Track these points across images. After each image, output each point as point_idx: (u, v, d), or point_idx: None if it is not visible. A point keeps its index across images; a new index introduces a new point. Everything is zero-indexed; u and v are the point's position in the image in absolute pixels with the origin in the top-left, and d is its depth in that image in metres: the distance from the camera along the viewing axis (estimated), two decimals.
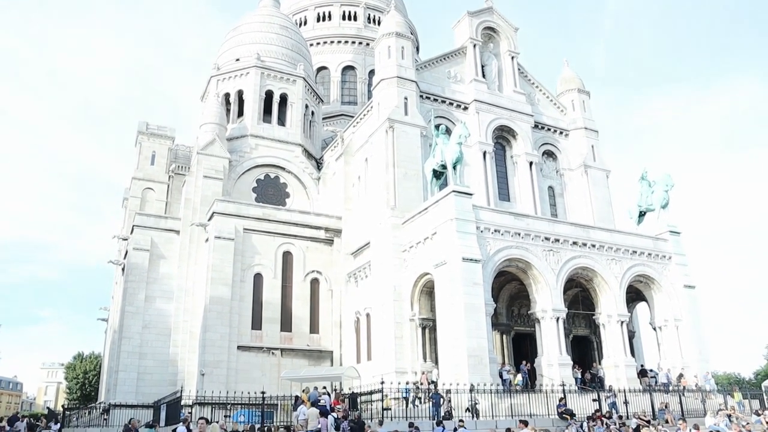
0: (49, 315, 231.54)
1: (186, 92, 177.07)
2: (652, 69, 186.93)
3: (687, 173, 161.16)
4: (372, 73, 48.07)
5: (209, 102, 47.00)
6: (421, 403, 26.18)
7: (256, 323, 37.57)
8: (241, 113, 47.93)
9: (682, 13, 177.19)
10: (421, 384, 27.63)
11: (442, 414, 23.32)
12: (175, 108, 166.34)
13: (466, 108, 39.92)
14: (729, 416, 23.86)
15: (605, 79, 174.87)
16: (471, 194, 30.26)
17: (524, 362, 30.92)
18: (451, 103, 39.78)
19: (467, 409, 23.50)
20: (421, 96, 38.54)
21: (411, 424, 19.42)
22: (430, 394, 25.39)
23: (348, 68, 60.34)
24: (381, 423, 20.87)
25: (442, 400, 24.12)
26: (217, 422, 23.90)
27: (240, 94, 47.98)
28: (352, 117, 46.78)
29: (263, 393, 24.49)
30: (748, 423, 23.11)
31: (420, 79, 38.72)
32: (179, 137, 59.11)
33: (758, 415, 26.46)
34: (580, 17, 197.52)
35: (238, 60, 49.14)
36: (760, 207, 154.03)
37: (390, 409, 25.38)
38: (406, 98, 37.16)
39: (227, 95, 48.31)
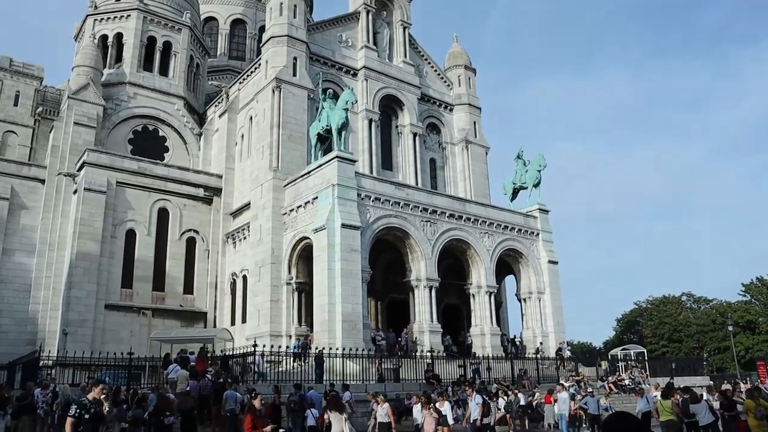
0: None
1: (58, 29, 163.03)
2: (538, 51, 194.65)
3: (560, 155, 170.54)
4: (263, 29, 46.46)
5: (84, 43, 43.74)
6: (303, 362, 25.92)
7: (127, 282, 36.11)
8: (119, 59, 44.84)
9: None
10: (308, 345, 27.47)
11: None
12: (45, 46, 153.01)
13: (355, 74, 39.77)
14: (578, 382, 26.05)
15: (493, 57, 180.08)
16: (354, 161, 30.48)
17: (404, 330, 31.47)
18: (340, 68, 39.46)
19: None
20: (311, 58, 37.93)
21: (297, 386, 19.46)
22: (314, 356, 25.27)
23: (238, 22, 58.16)
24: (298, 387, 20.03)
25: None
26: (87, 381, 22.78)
27: (119, 37, 44.86)
28: (240, 73, 45.35)
29: (131, 354, 23.65)
30: (593, 387, 25.28)
31: (311, 41, 38.04)
32: (49, 78, 54.70)
33: (602, 380, 29.06)
34: None
35: (118, 0, 45.96)
36: (621, 194, 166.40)
37: (264, 372, 25.29)
38: (295, 59, 36.45)
39: (105, 37, 45.00)
